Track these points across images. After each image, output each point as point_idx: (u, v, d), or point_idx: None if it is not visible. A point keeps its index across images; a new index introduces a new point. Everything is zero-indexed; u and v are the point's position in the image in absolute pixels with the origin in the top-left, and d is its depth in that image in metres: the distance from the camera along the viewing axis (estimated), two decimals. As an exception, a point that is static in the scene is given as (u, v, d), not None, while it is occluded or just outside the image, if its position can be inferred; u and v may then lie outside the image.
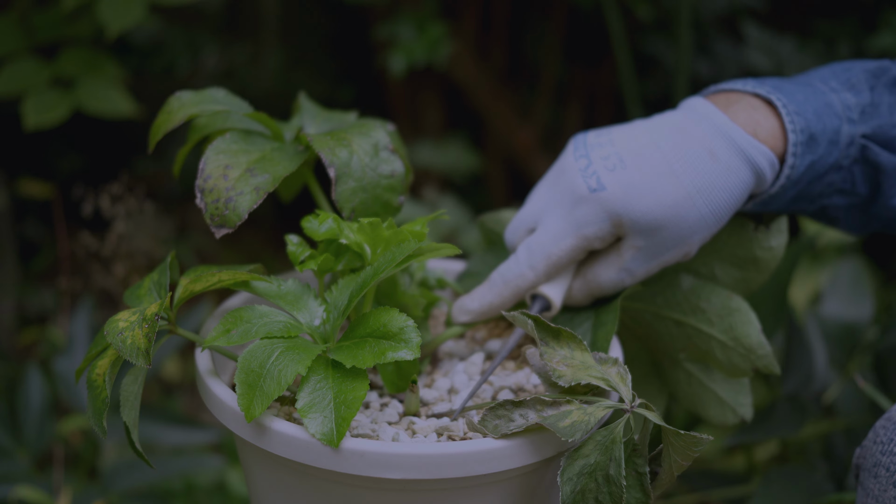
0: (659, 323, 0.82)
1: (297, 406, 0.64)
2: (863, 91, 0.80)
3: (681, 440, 0.66)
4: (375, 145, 0.77)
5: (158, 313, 0.67)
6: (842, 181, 0.80)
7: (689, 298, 0.80)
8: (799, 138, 0.76)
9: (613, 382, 0.68)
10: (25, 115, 1.32)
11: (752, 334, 0.78)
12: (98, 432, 0.69)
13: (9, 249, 1.76)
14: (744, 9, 1.76)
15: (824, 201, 0.82)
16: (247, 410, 0.64)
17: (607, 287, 0.77)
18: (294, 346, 0.66)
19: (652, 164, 0.74)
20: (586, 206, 0.75)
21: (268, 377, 0.64)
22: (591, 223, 0.75)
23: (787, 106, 0.76)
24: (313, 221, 0.74)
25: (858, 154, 0.79)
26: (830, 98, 0.79)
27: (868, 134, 0.79)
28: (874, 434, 0.71)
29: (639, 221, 0.74)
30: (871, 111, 0.79)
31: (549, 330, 0.70)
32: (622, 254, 0.76)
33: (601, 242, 0.76)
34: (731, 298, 0.79)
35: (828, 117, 0.77)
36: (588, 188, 0.74)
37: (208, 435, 1.20)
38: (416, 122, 1.91)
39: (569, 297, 0.79)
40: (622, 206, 0.74)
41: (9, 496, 1.12)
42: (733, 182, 0.74)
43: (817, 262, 1.38)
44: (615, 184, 0.74)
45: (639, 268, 0.76)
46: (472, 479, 0.66)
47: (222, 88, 0.82)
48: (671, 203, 0.73)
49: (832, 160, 0.78)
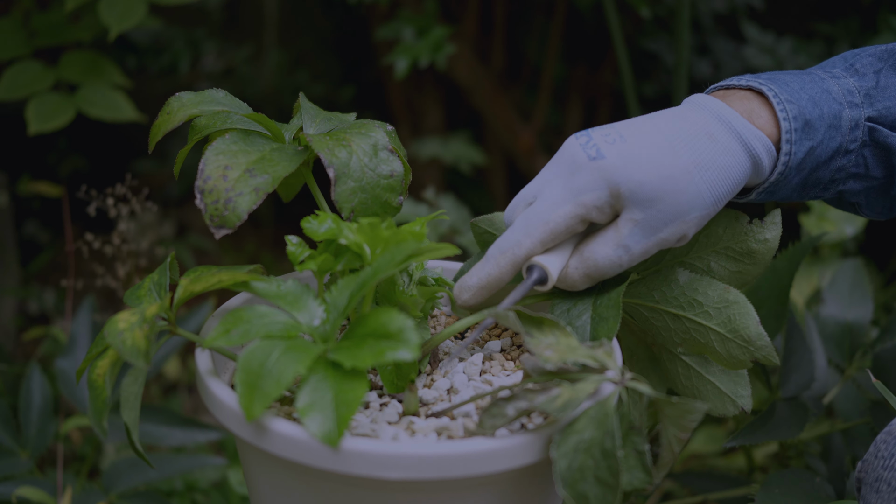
0: (656, 317, 0.82)
1: (296, 406, 0.64)
2: (867, 75, 0.80)
3: (674, 409, 0.66)
4: (375, 146, 0.77)
5: (158, 314, 0.67)
6: (853, 165, 0.81)
7: (686, 292, 0.80)
8: (793, 125, 0.76)
9: (601, 359, 0.68)
10: (28, 121, 1.32)
11: (751, 326, 0.78)
12: (98, 433, 0.69)
13: (10, 249, 1.76)
14: (744, 9, 1.76)
15: (839, 187, 0.82)
16: (247, 410, 0.64)
17: (604, 265, 0.76)
18: (294, 347, 0.66)
19: (652, 139, 0.75)
20: (585, 173, 0.75)
21: (268, 377, 0.64)
22: (590, 190, 0.75)
23: (778, 95, 0.77)
24: (313, 222, 0.74)
25: (867, 137, 0.80)
26: (829, 84, 0.80)
27: (874, 117, 0.79)
28: (875, 448, 0.71)
29: (636, 191, 0.74)
30: (876, 94, 0.80)
31: (531, 320, 0.70)
32: (620, 229, 0.75)
33: (598, 213, 0.76)
34: (728, 291, 0.79)
35: (825, 103, 0.78)
36: (588, 157, 0.75)
37: (208, 435, 1.20)
38: (416, 122, 1.91)
39: (565, 276, 0.78)
40: (621, 174, 0.74)
41: (10, 496, 1.12)
42: (730, 163, 0.75)
43: (817, 262, 1.38)
44: (614, 154, 0.75)
45: (636, 244, 0.75)
46: (472, 479, 0.66)
47: (222, 89, 0.82)
48: (668, 174, 0.74)
49: (835, 145, 0.79)
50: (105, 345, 0.71)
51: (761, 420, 0.99)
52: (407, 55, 1.55)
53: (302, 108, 0.85)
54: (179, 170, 0.84)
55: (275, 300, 0.72)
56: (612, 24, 1.44)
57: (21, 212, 1.98)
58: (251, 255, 2.06)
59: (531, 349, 0.68)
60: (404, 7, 1.69)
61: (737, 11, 1.76)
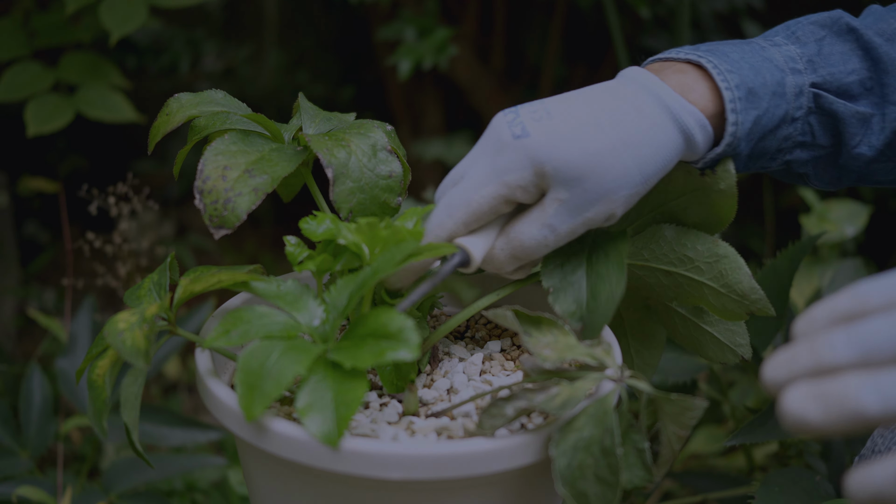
0: (648, 275, 0.80)
1: (296, 406, 0.64)
2: (808, 43, 0.79)
3: (673, 406, 0.65)
4: (374, 146, 0.77)
5: (158, 314, 0.67)
6: (800, 134, 0.80)
7: (675, 248, 0.78)
8: (736, 94, 0.75)
9: (600, 357, 0.68)
10: (27, 123, 1.32)
11: (744, 280, 0.76)
12: (98, 433, 0.69)
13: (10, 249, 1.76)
14: (744, 8, 1.76)
15: (786, 157, 0.81)
16: (247, 411, 0.64)
17: (529, 245, 0.74)
18: (293, 347, 0.66)
19: (578, 115, 0.73)
20: (509, 152, 0.73)
21: (268, 378, 0.64)
22: (514, 170, 0.73)
23: (717, 66, 0.75)
24: (311, 222, 0.73)
25: (812, 104, 0.79)
26: (770, 52, 0.78)
27: (818, 83, 0.78)
28: (872, 443, 0.71)
29: (561, 169, 0.71)
30: (819, 61, 0.79)
31: (529, 319, 0.70)
32: (545, 208, 0.73)
33: (523, 193, 0.73)
34: (717, 245, 0.77)
35: (767, 71, 0.77)
36: (512, 135, 0.73)
37: (208, 435, 1.20)
38: (416, 122, 1.91)
39: (491, 257, 0.76)
40: (545, 152, 0.72)
41: (11, 496, 1.12)
42: (660, 139, 0.73)
43: (817, 262, 1.39)
44: (539, 131, 0.72)
45: (562, 224, 0.73)
46: (472, 479, 0.66)
47: (221, 90, 0.82)
48: (594, 151, 0.72)
49: (781, 112, 0.78)
50: (105, 345, 0.71)
51: (761, 419, 0.99)
52: (410, 56, 1.55)
53: (301, 109, 0.85)
54: (179, 170, 0.84)
55: (274, 300, 0.72)
56: (612, 23, 1.44)
57: (21, 212, 1.98)
58: (251, 255, 2.06)
59: (529, 348, 0.68)
60: (405, 7, 1.69)
61: (737, 11, 1.76)
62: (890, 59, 0.79)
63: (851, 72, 0.79)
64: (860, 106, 0.79)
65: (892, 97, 0.79)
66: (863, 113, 0.79)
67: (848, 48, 0.79)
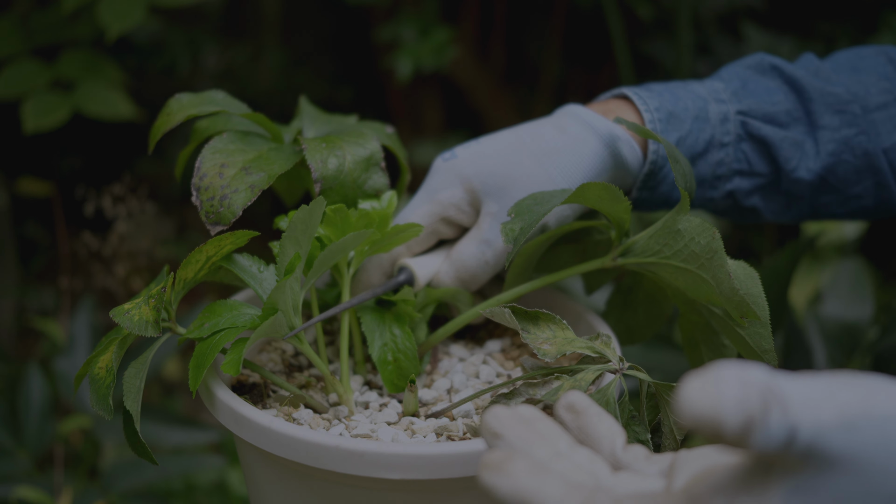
0: (677, 275, 0.75)
1: None
2: (733, 80, 0.83)
3: (674, 395, 0.65)
4: (368, 159, 0.78)
5: (164, 287, 0.68)
6: (735, 161, 0.81)
7: (689, 245, 0.73)
8: (656, 115, 0.78)
9: (599, 349, 0.68)
10: (25, 119, 1.32)
11: (724, 281, 0.71)
12: (104, 414, 0.69)
13: (9, 249, 1.76)
14: (744, 9, 1.76)
15: (726, 185, 0.82)
16: (192, 385, 0.67)
17: (470, 263, 0.77)
18: (242, 326, 0.70)
19: (503, 138, 0.78)
20: (439, 173, 0.78)
21: (210, 354, 0.67)
22: (444, 188, 0.77)
23: (639, 94, 0.79)
24: (284, 220, 0.76)
25: (741, 131, 0.81)
26: (693, 86, 0.82)
27: (744, 110, 0.81)
28: None
29: (487, 181, 0.76)
30: (743, 93, 0.82)
31: (526, 316, 0.70)
32: (480, 224, 0.77)
33: (458, 211, 0.78)
34: (714, 239, 0.71)
35: (689, 99, 0.80)
36: (443, 160, 0.79)
37: (208, 435, 1.20)
38: (416, 122, 1.91)
39: (438, 280, 0.79)
40: (470, 167, 0.76)
41: (9, 496, 1.12)
42: (582, 150, 0.76)
43: (817, 262, 1.39)
44: (466, 152, 0.78)
45: (496, 238, 0.76)
46: (473, 479, 0.66)
47: (222, 90, 0.82)
48: (516, 161, 0.76)
49: (707, 136, 0.80)
50: (105, 344, 0.71)
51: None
52: (409, 58, 1.55)
53: (303, 111, 0.85)
54: (181, 171, 0.84)
55: (251, 279, 0.73)
56: (612, 24, 1.44)
57: (20, 212, 1.98)
58: (251, 255, 2.06)
59: (528, 345, 0.68)
60: (404, 7, 1.69)
61: (737, 11, 1.76)
62: (814, 88, 0.81)
63: (777, 102, 0.81)
64: (790, 132, 0.81)
65: (820, 122, 0.81)
66: (794, 138, 0.81)
67: (773, 84, 0.82)
